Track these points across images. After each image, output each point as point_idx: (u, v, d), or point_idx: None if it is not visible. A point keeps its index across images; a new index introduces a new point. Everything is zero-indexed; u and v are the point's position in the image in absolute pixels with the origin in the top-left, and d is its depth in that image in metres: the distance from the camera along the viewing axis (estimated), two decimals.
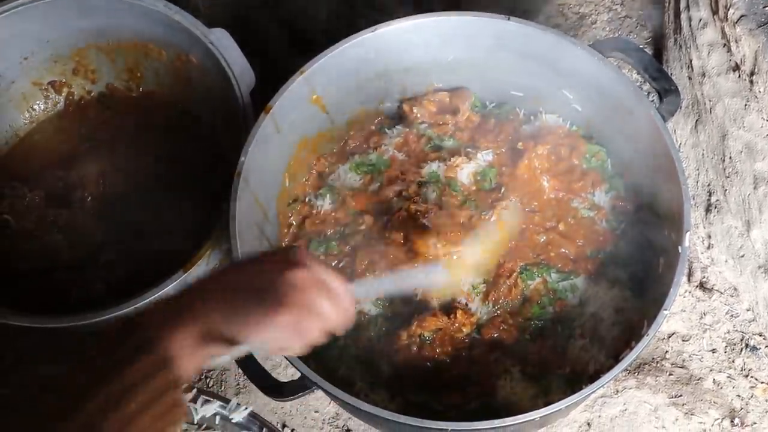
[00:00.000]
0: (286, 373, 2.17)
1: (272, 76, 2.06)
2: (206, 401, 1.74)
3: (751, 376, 2.16)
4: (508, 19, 2.02)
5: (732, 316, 2.23)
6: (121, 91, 2.49)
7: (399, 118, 2.25)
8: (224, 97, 2.17)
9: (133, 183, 2.32)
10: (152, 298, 1.99)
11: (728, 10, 1.98)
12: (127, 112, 2.46)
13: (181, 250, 2.08)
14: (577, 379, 1.83)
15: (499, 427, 1.64)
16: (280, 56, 2.31)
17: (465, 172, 2.10)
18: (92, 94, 2.49)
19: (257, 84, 2.16)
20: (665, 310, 1.69)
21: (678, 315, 2.24)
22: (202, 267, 2.07)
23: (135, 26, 2.32)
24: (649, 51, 2.58)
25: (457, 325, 1.89)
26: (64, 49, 2.39)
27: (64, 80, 2.45)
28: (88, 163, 2.34)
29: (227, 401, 1.74)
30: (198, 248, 2.03)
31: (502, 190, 2.05)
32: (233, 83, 2.14)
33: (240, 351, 1.25)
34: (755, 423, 2.10)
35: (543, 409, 1.63)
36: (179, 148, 2.37)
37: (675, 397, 2.13)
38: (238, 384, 2.22)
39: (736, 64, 2.01)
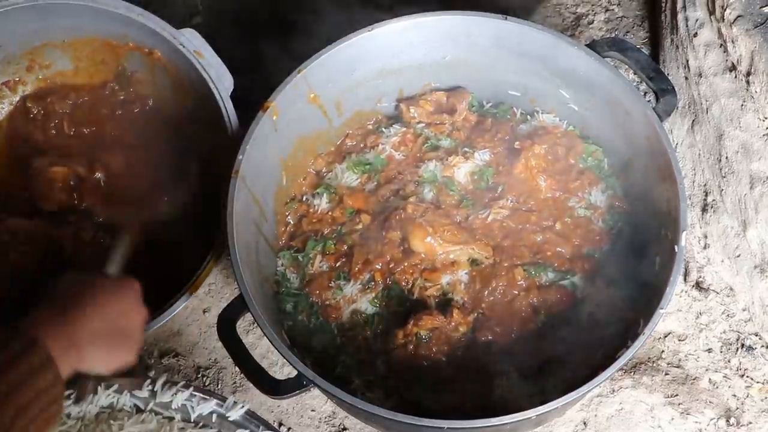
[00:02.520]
0: (283, 372, 2.17)
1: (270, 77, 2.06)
2: (203, 399, 1.74)
3: (747, 376, 2.16)
4: (506, 18, 2.02)
5: (728, 315, 2.23)
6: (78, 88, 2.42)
7: (396, 117, 2.25)
8: (202, 98, 2.14)
9: (114, 187, 2.28)
10: (163, 322, 1.97)
11: (725, 10, 1.99)
12: (105, 114, 2.39)
13: (175, 256, 2.10)
14: (573, 377, 1.83)
15: (496, 425, 1.64)
16: (277, 54, 2.31)
17: (462, 171, 2.10)
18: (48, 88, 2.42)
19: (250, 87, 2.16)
20: (661, 309, 1.69)
21: (674, 315, 2.24)
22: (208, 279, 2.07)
23: (96, 28, 2.27)
24: (645, 51, 2.58)
25: (453, 324, 1.89)
26: (15, 50, 2.34)
27: (18, 78, 2.40)
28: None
29: (224, 399, 1.74)
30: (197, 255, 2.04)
31: (499, 189, 2.06)
32: (211, 87, 2.11)
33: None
34: (751, 423, 2.10)
35: (539, 407, 1.64)
36: (162, 152, 2.32)
37: (671, 396, 2.13)
38: (234, 382, 2.22)
39: (733, 64, 2.02)
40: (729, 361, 2.18)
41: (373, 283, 1.96)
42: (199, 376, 2.24)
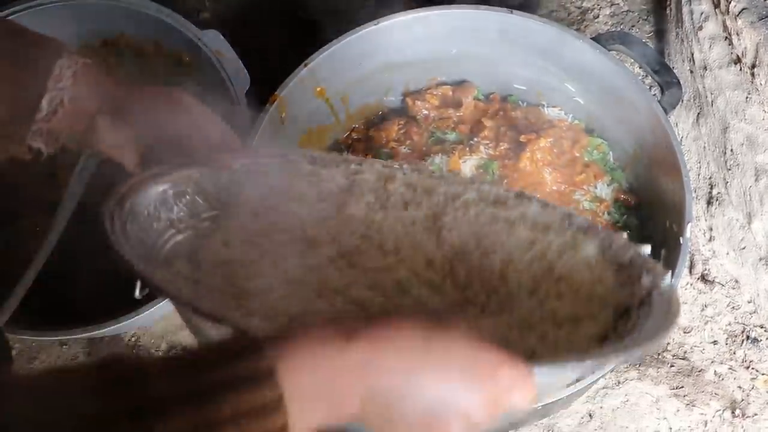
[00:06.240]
0: None
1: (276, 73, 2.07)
2: None
3: (753, 368, 2.17)
4: (511, 12, 2.03)
5: (733, 308, 2.24)
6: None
7: (402, 111, 2.26)
8: (219, 98, 2.17)
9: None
10: (150, 310, 2.00)
11: (729, 3, 1.99)
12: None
13: None
14: None
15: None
16: (285, 53, 2.31)
17: (468, 165, 2.11)
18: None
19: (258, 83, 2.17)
20: None
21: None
22: None
23: (127, 29, 2.30)
24: (651, 45, 2.58)
25: None
26: None
27: None
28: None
29: None
30: None
31: (504, 182, 2.06)
32: (228, 85, 2.13)
33: None
34: (756, 414, 2.10)
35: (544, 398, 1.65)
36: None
37: (676, 388, 2.14)
38: None
39: (738, 56, 2.02)
40: (734, 353, 2.19)
41: None
42: None
